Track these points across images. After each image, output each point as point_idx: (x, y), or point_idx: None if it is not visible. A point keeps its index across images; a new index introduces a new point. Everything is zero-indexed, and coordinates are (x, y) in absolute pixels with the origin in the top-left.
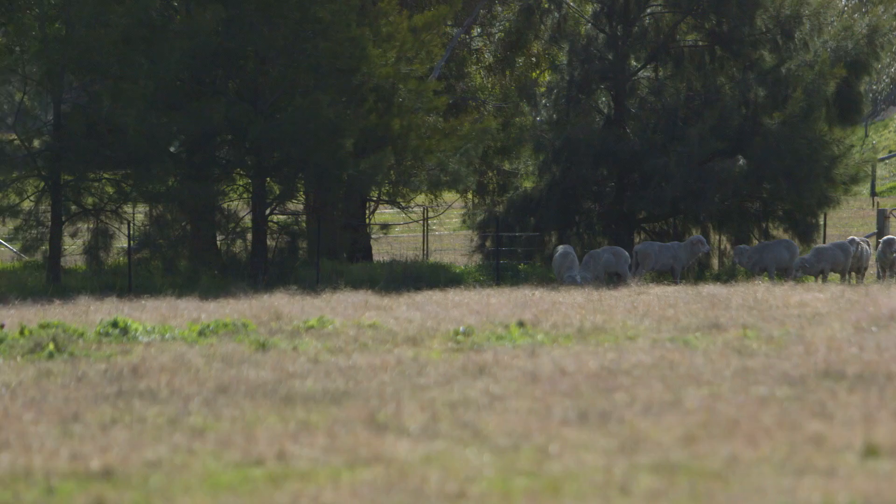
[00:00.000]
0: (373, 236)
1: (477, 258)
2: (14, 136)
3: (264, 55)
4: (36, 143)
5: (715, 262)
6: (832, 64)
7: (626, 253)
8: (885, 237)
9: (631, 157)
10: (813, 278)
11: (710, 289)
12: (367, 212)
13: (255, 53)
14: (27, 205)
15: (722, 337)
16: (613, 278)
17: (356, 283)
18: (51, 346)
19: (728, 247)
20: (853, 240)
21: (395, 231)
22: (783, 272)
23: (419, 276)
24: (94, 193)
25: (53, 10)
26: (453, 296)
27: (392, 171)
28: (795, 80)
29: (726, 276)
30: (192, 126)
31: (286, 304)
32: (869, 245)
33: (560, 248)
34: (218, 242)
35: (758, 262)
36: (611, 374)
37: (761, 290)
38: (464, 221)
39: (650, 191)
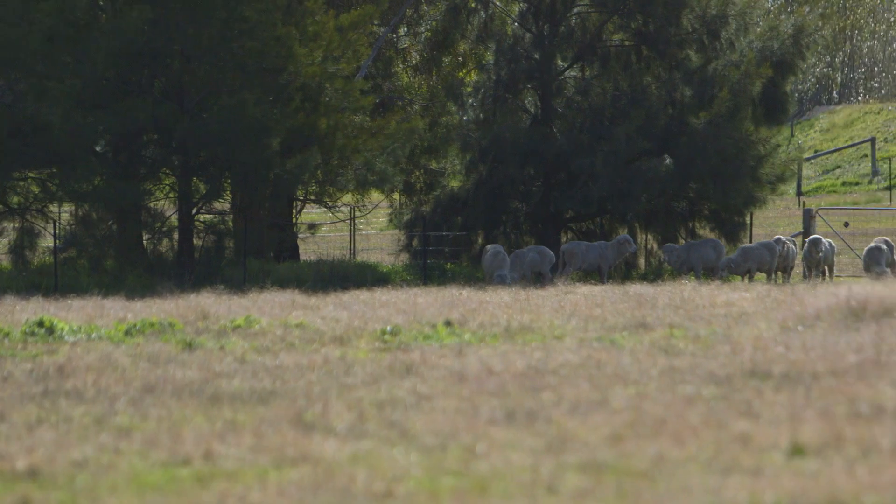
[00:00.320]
0: (300, 236)
1: (404, 258)
2: None
3: (190, 54)
4: None
5: (642, 261)
6: (758, 64)
7: (551, 252)
8: (811, 237)
9: (558, 156)
10: (739, 278)
11: (637, 288)
12: (294, 211)
13: (182, 53)
14: None
15: (649, 336)
16: (539, 277)
17: (283, 283)
18: None
19: (655, 246)
20: (779, 239)
21: (322, 230)
22: (710, 272)
23: (346, 275)
24: (19, 192)
25: None
26: (380, 295)
27: (319, 171)
28: (721, 79)
29: (653, 275)
30: (118, 125)
31: (213, 304)
32: (795, 244)
33: (490, 248)
34: (144, 242)
35: (685, 262)
36: (538, 373)
37: (688, 290)
38: (391, 221)
39: (577, 190)
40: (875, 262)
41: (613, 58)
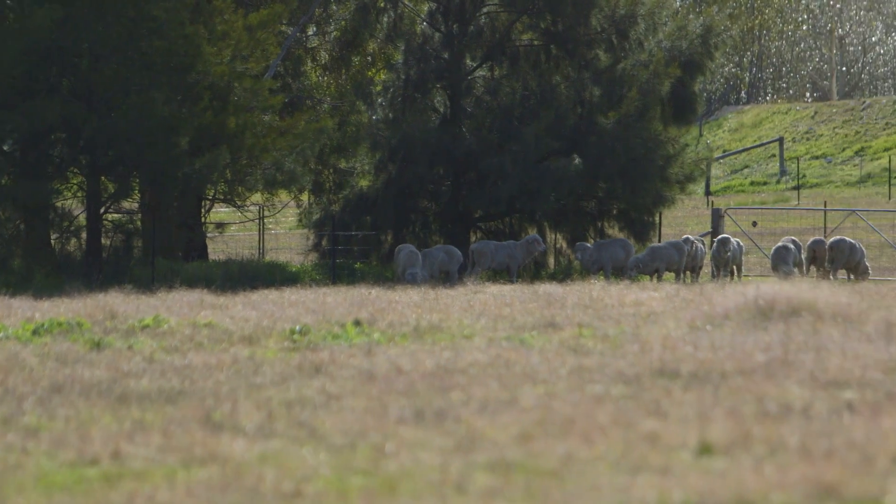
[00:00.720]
0: (209, 235)
1: (313, 257)
2: None
3: (98, 53)
4: None
5: (551, 260)
6: (667, 63)
7: (459, 252)
8: (719, 236)
9: (467, 156)
10: (648, 277)
11: (546, 288)
12: (203, 210)
13: (90, 51)
14: None
15: (558, 336)
16: (447, 277)
17: (192, 282)
18: None
19: (564, 246)
20: (687, 239)
21: (231, 230)
22: (619, 271)
23: (255, 275)
24: None
25: None
26: (289, 295)
27: (227, 170)
28: (630, 79)
29: (562, 275)
30: (26, 124)
31: (121, 303)
32: (703, 244)
33: (403, 247)
34: (52, 241)
35: (596, 261)
36: (447, 372)
37: (597, 289)
38: (300, 220)
39: (486, 190)
40: (782, 262)
41: (523, 57)
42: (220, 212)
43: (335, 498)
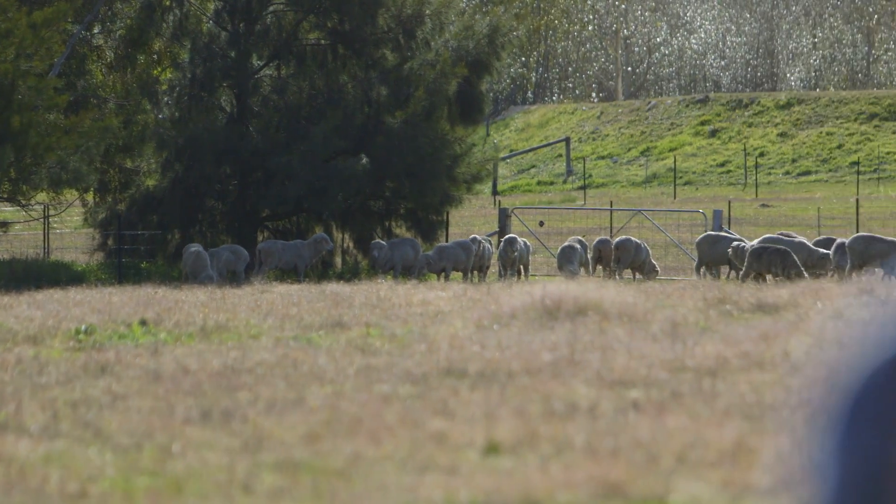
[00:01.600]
0: None
1: (99, 256)
2: None
3: None
4: None
5: (339, 260)
6: (454, 63)
7: (246, 252)
8: (506, 236)
9: (254, 155)
10: (435, 276)
11: (333, 287)
12: None
13: None
14: None
15: (345, 335)
16: (234, 276)
17: None
18: None
19: (352, 245)
20: (475, 238)
21: (15, 229)
22: (407, 271)
23: (40, 274)
24: None
25: None
26: (75, 294)
27: (12, 169)
28: (417, 79)
29: (350, 274)
30: None
31: None
32: (491, 244)
33: (193, 247)
34: None
35: (389, 260)
36: (234, 372)
37: (384, 289)
38: (86, 220)
39: (273, 189)
40: (568, 261)
41: (310, 56)
42: (5, 211)
43: (121, 498)
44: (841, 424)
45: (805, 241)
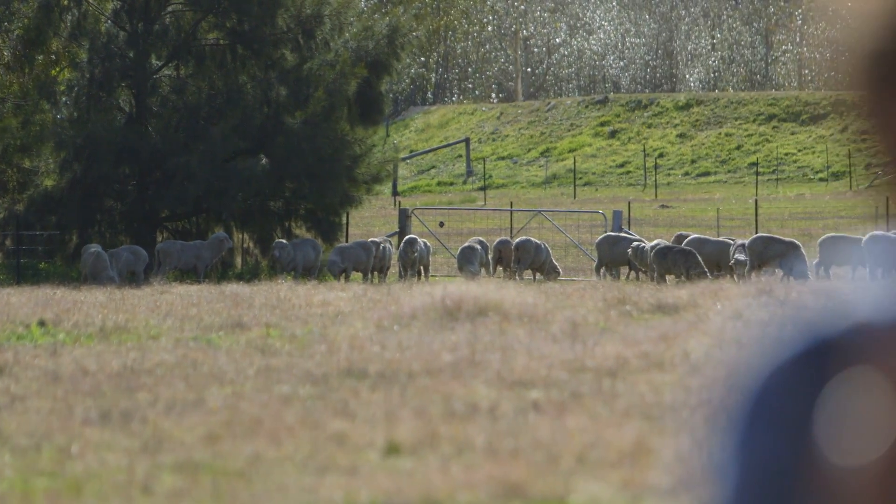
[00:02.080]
0: None
1: None
2: None
3: None
4: None
5: (239, 261)
6: (354, 64)
7: (145, 252)
8: (406, 237)
9: (153, 155)
10: (334, 277)
11: (233, 288)
12: None
13: None
14: None
15: (245, 336)
16: (133, 277)
17: None
18: None
19: (251, 245)
20: (375, 242)
21: None
22: (306, 271)
23: None
24: None
25: None
26: None
27: None
28: (317, 79)
29: (250, 275)
30: None
31: None
32: (391, 244)
33: (92, 248)
34: None
35: (292, 260)
36: (133, 373)
37: (285, 289)
38: None
39: (173, 189)
40: (467, 262)
41: (209, 57)
42: None
43: (19, 500)
44: (740, 425)
45: (728, 242)
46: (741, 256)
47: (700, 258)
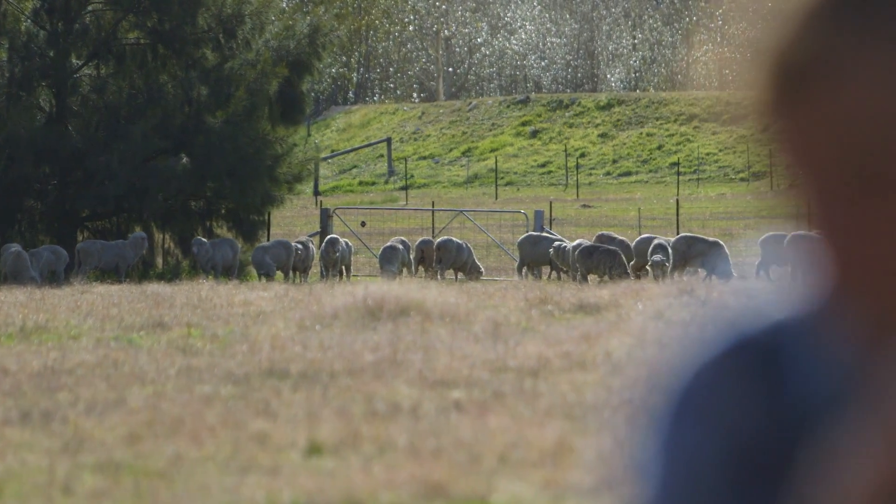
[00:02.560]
0: None
1: None
2: None
3: None
4: None
5: (159, 260)
6: (275, 63)
7: (66, 252)
8: (328, 236)
9: (73, 154)
10: (257, 277)
11: (154, 287)
12: None
13: None
14: None
15: (166, 336)
16: (54, 276)
17: None
18: None
19: (172, 245)
20: (299, 241)
21: None
22: (226, 271)
23: None
24: None
25: None
26: None
27: None
28: (238, 78)
29: (171, 274)
30: None
31: None
32: (312, 244)
33: (12, 247)
34: None
35: (211, 259)
36: (54, 373)
37: (206, 289)
38: None
39: (93, 189)
40: (388, 262)
41: (129, 56)
42: None
43: None
44: (662, 424)
45: (663, 242)
46: (658, 257)
47: (624, 259)
